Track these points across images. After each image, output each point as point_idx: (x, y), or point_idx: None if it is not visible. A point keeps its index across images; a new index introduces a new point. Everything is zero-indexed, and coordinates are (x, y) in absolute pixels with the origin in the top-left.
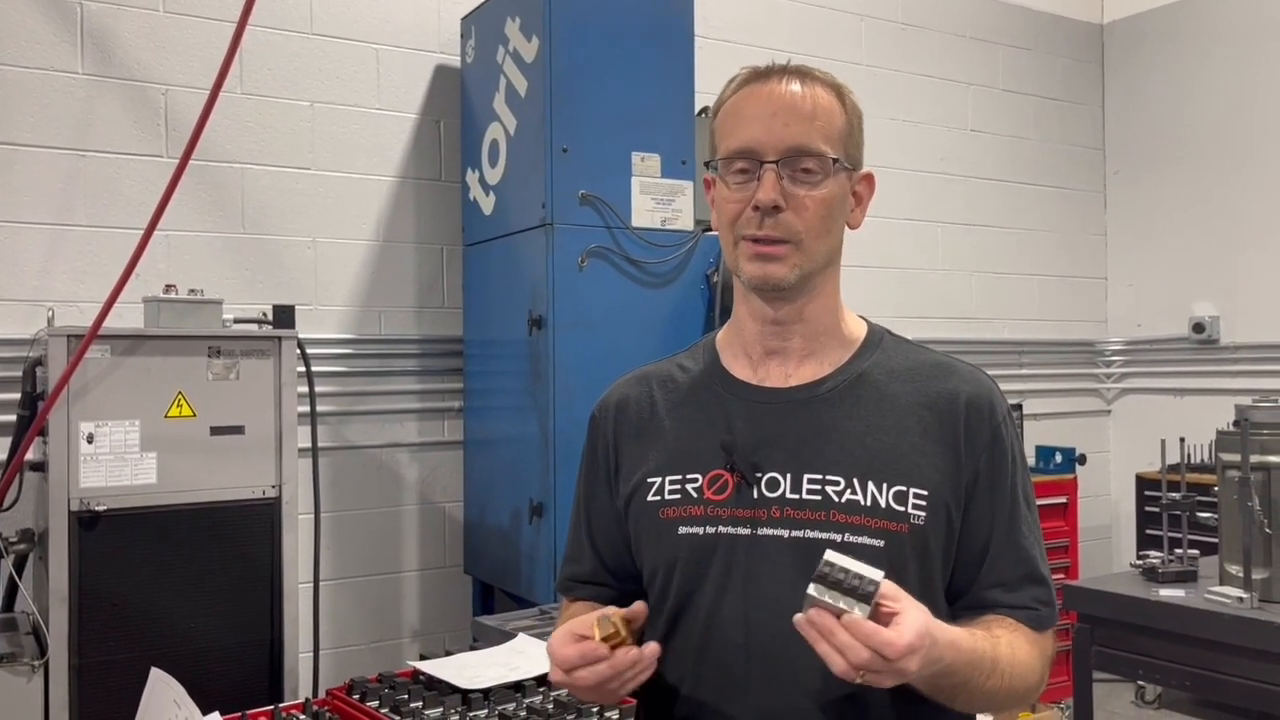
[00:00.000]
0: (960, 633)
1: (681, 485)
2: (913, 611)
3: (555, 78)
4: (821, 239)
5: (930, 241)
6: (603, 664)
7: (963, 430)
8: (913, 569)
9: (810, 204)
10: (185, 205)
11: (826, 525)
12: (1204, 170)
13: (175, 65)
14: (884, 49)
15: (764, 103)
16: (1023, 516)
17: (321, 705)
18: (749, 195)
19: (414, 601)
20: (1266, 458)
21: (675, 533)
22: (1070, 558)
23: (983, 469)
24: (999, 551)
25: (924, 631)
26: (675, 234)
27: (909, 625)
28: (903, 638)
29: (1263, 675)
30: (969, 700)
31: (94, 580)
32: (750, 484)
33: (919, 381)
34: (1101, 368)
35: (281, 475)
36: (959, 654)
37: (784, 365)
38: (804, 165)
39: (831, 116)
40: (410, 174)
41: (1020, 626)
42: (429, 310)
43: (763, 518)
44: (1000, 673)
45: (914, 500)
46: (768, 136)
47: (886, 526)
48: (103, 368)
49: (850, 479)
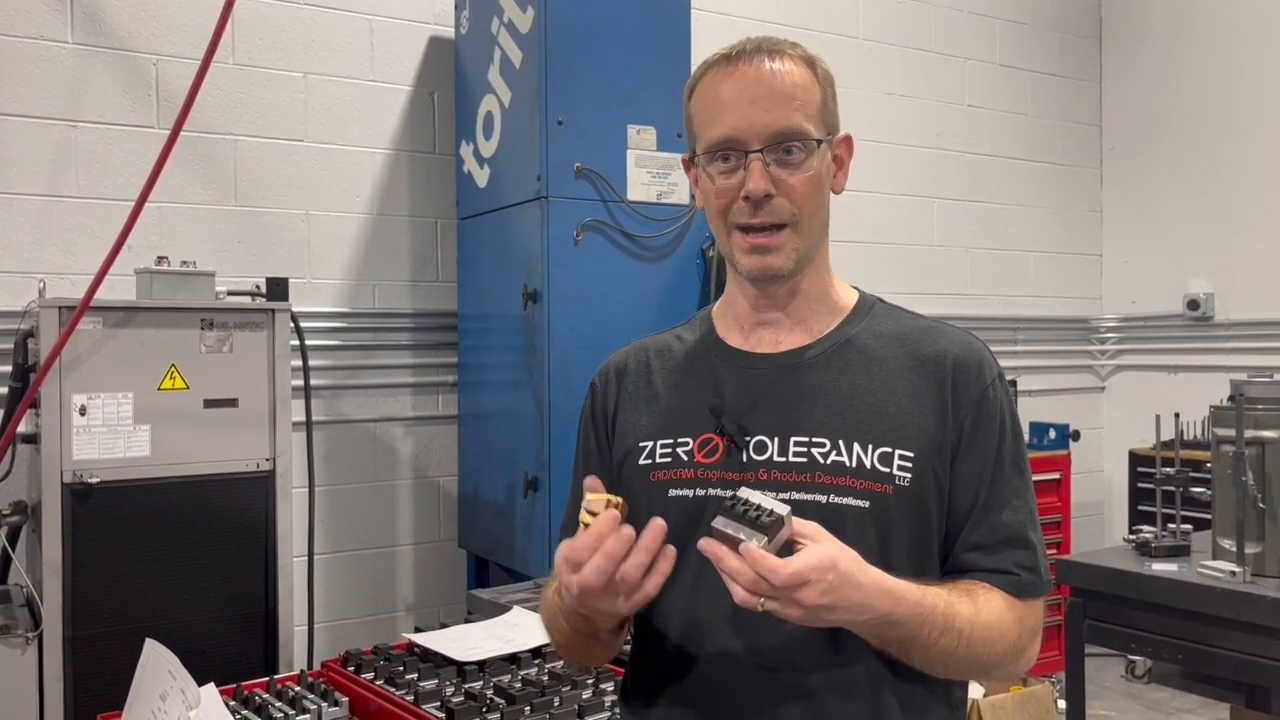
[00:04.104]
0: (907, 586)
1: (672, 449)
2: (818, 546)
3: (550, 49)
4: (814, 216)
5: (926, 217)
6: (609, 540)
7: (949, 391)
8: (899, 530)
9: (800, 185)
10: (177, 177)
11: (812, 487)
12: (1200, 148)
13: (166, 35)
14: (881, 23)
15: (740, 88)
16: (1008, 481)
17: (316, 677)
18: (736, 185)
19: (409, 575)
20: (1261, 433)
21: (665, 495)
22: (1063, 533)
23: (966, 430)
24: (983, 514)
25: (821, 565)
26: (671, 208)
27: (802, 556)
28: (789, 565)
29: (1254, 648)
30: (924, 658)
31: (88, 553)
32: (739, 447)
33: (908, 345)
34: (1096, 344)
35: (275, 448)
36: (898, 604)
37: (775, 333)
38: (787, 148)
39: (809, 93)
40: (404, 146)
41: (995, 591)
42: (423, 284)
43: (750, 480)
44: (956, 631)
45: (899, 462)
46: (749, 125)
47: (871, 487)
48: (95, 340)
49: (836, 441)
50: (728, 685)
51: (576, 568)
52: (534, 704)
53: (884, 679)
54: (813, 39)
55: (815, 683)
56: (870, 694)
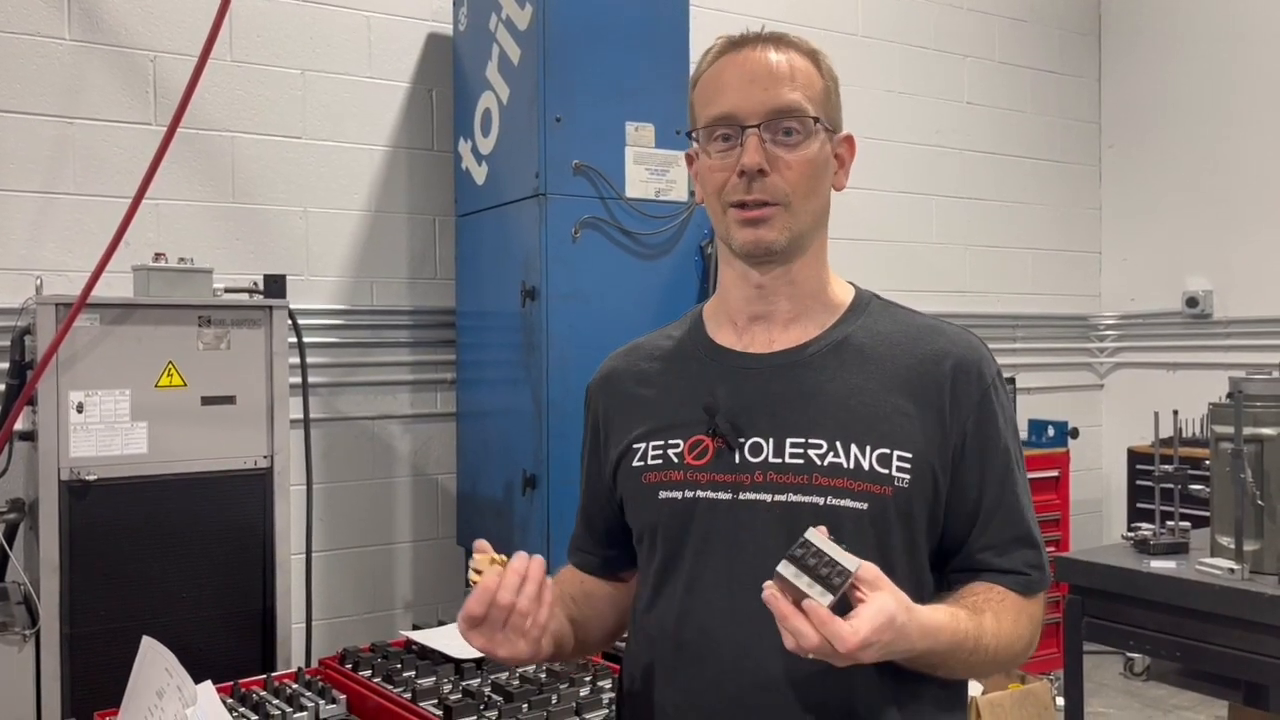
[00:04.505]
0: (942, 618)
1: (663, 450)
2: (879, 602)
3: (549, 46)
4: (809, 199)
5: (924, 214)
6: (488, 590)
7: (949, 393)
8: (897, 532)
9: (795, 164)
10: (175, 174)
11: (809, 489)
12: (1199, 145)
13: (164, 31)
14: (880, 20)
15: (741, 70)
16: (1014, 479)
17: (314, 674)
18: (733, 162)
19: (407, 573)
20: (1259, 430)
21: (656, 497)
22: (1062, 531)
23: (970, 431)
24: (989, 514)
25: (885, 625)
26: (669, 205)
27: (867, 619)
28: (857, 634)
29: (1252, 646)
30: (949, 672)
31: (85, 550)
32: (732, 448)
33: (905, 344)
34: (1095, 342)
35: (273, 446)
36: (936, 642)
37: (769, 331)
38: (785, 126)
39: (810, 79)
40: (402, 143)
41: (1009, 594)
42: (421, 281)
43: (745, 482)
44: (983, 648)
45: (898, 463)
46: (747, 101)
47: (870, 489)
48: (92, 337)
49: (833, 442)
50: (725, 685)
51: (467, 623)
52: (531, 701)
53: (887, 678)
54: (812, 35)
55: (815, 681)
56: (871, 693)
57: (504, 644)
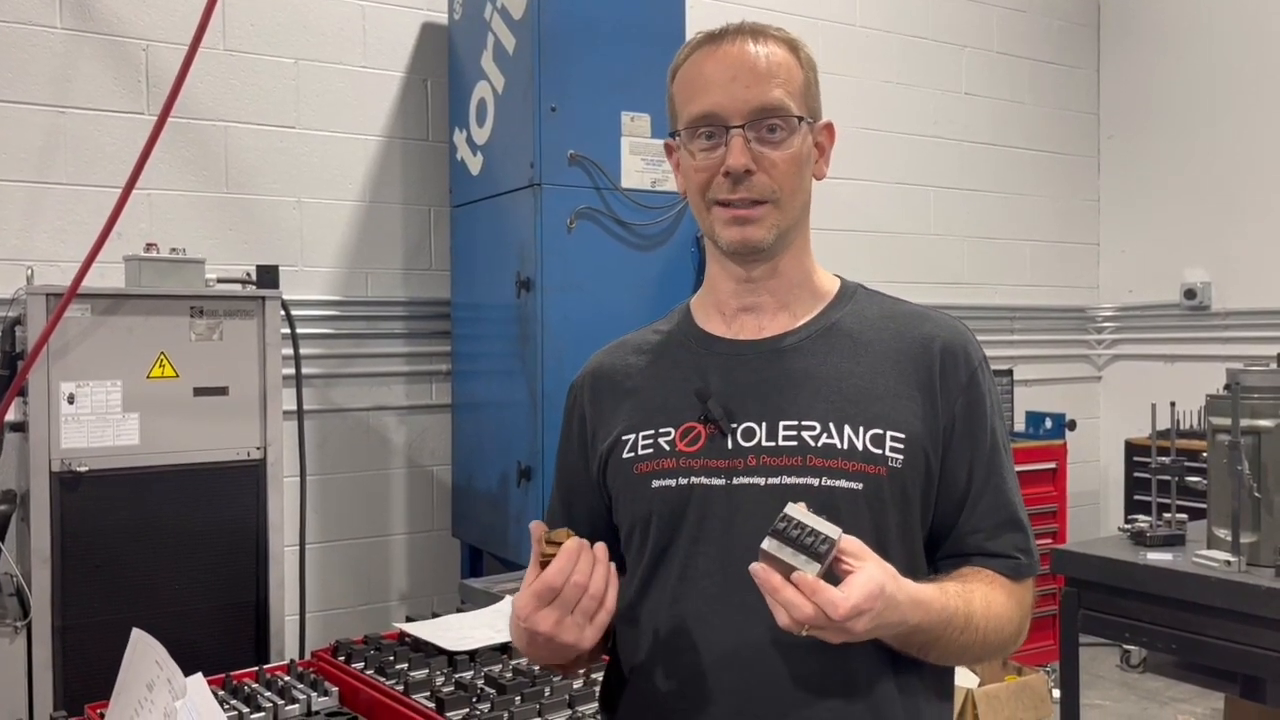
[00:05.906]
0: (931, 592)
1: (654, 439)
2: (869, 571)
3: (544, 35)
4: (795, 195)
5: (922, 206)
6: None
7: (938, 375)
8: (892, 513)
9: (781, 163)
10: (167, 163)
11: (804, 470)
12: (1198, 137)
13: (156, 20)
14: (878, 10)
15: (722, 66)
16: (1001, 462)
17: (306, 667)
18: (716, 161)
19: (401, 565)
20: (1257, 422)
21: (649, 487)
22: (1058, 523)
23: (959, 414)
24: (978, 497)
25: (875, 593)
26: (665, 195)
27: (858, 586)
28: (848, 600)
29: (1248, 638)
30: (942, 655)
31: (77, 541)
32: (725, 434)
33: (893, 329)
34: (1093, 333)
35: (266, 437)
36: (927, 614)
37: (758, 319)
38: (769, 124)
39: (790, 73)
40: (397, 133)
41: (998, 578)
42: (416, 272)
43: (739, 467)
44: (974, 628)
45: (891, 443)
46: (730, 100)
47: (865, 469)
48: (83, 327)
49: (826, 423)
50: (719, 675)
51: (521, 614)
52: (524, 694)
53: (881, 667)
54: (809, 26)
55: (810, 670)
56: (866, 681)
57: (571, 628)
